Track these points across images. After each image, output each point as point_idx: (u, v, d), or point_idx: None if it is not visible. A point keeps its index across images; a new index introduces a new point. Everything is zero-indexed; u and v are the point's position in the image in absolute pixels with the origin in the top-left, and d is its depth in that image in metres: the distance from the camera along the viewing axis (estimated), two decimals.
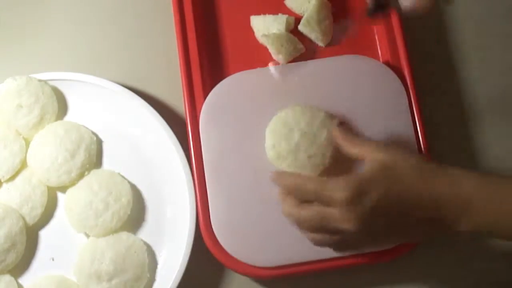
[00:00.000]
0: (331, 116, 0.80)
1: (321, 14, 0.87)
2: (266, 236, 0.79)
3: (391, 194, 0.68)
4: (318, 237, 0.71)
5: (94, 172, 0.83)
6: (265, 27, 0.88)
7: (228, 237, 0.79)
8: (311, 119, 0.79)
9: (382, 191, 0.67)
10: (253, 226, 0.79)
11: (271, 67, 0.85)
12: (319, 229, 0.70)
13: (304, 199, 0.70)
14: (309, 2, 0.88)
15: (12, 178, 0.83)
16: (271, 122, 0.80)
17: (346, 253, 0.77)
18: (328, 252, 0.77)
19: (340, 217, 0.67)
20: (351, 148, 0.74)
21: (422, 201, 0.68)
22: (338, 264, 0.79)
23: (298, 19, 0.88)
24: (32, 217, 0.82)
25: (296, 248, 0.78)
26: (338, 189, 0.67)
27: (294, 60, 0.87)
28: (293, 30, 0.88)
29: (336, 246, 0.72)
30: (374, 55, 0.88)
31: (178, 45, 0.85)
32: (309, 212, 0.69)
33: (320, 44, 0.89)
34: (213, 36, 0.89)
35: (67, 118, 0.86)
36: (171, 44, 0.87)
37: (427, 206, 0.68)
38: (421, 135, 0.82)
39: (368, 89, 0.83)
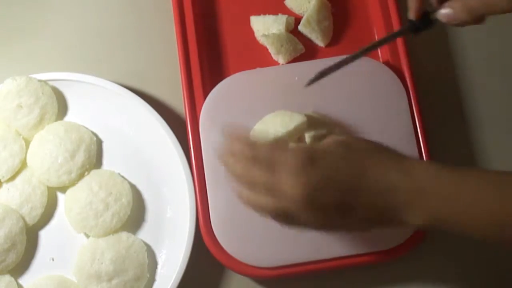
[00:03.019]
0: (316, 122, 0.80)
1: (321, 14, 0.87)
2: (266, 236, 0.79)
3: (343, 168, 0.65)
4: (255, 197, 0.67)
5: (94, 172, 0.83)
6: (265, 27, 0.88)
7: (228, 237, 0.79)
8: (288, 123, 0.78)
9: (334, 163, 0.65)
10: (253, 226, 0.79)
11: (270, 67, 0.85)
12: (262, 187, 0.66)
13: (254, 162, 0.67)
14: (309, 2, 0.88)
15: (12, 178, 0.83)
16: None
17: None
18: (328, 252, 0.78)
19: (287, 181, 0.64)
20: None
21: (375, 182, 0.65)
22: (338, 264, 0.79)
23: (298, 19, 0.89)
24: (32, 217, 0.82)
25: (296, 248, 0.78)
26: (290, 155, 0.65)
27: (294, 60, 0.87)
28: (293, 30, 0.89)
29: (277, 212, 0.67)
30: (374, 55, 0.88)
31: (178, 45, 0.85)
32: (258, 168, 0.66)
33: (320, 44, 0.89)
34: (213, 36, 0.89)
35: (67, 118, 0.86)
36: (171, 44, 0.87)
37: (380, 188, 0.65)
38: (421, 135, 0.82)
39: (368, 89, 0.83)
